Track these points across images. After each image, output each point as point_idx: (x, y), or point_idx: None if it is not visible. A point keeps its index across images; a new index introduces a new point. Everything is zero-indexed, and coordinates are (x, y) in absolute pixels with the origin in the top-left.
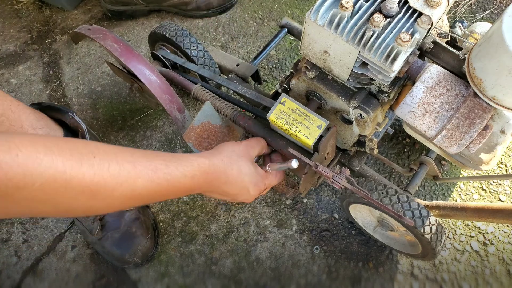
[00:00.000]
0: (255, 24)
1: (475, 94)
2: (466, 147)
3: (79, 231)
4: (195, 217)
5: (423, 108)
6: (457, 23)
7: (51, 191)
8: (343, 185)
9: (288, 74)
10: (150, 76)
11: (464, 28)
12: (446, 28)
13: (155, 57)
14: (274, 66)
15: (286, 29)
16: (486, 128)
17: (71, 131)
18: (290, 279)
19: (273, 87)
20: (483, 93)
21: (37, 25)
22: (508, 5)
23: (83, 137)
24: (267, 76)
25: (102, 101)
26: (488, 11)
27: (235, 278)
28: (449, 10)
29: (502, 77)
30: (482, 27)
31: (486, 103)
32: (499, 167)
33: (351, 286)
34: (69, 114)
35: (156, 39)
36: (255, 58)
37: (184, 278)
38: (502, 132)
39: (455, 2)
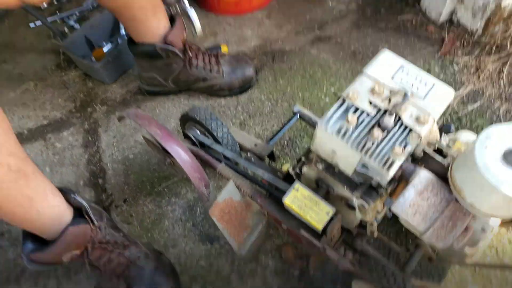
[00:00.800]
0: (270, 104)
1: (457, 200)
2: (453, 243)
3: None
4: (211, 282)
5: (414, 208)
6: (443, 133)
7: None
8: (347, 268)
9: (299, 160)
10: (184, 157)
11: (452, 131)
12: (436, 133)
13: (185, 136)
14: (286, 143)
15: (298, 115)
16: (467, 229)
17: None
18: None
19: (284, 162)
20: (463, 199)
21: (80, 95)
22: (495, 98)
23: (87, 214)
24: (279, 152)
25: (134, 168)
26: (478, 103)
27: None
28: None
29: (477, 191)
30: (465, 136)
31: (467, 208)
32: (490, 251)
33: None
34: (72, 195)
35: (187, 119)
36: (271, 139)
37: None
38: (483, 230)
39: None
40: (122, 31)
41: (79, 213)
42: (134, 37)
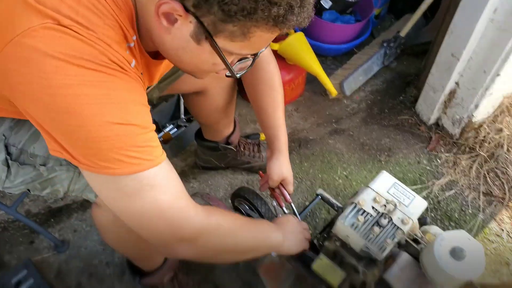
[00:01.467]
0: (296, 182)
1: (424, 275)
2: None
3: None
4: None
5: (397, 278)
6: (421, 229)
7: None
8: None
9: (320, 232)
10: None
11: (427, 222)
12: (416, 225)
13: (236, 209)
14: (308, 214)
15: (320, 197)
16: None
17: None
18: None
19: None
20: (427, 275)
21: None
22: (465, 188)
23: None
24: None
25: None
26: (453, 191)
27: None
28: (427, 186)
29: (435, 272)
30: (433, 229)
31: (430, 280)
32: None
33: None
34: None
35: (237, 196)
36: (299, 213)
37: None
38: None
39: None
40: (182, 115)
41: None
42: (205, 134)
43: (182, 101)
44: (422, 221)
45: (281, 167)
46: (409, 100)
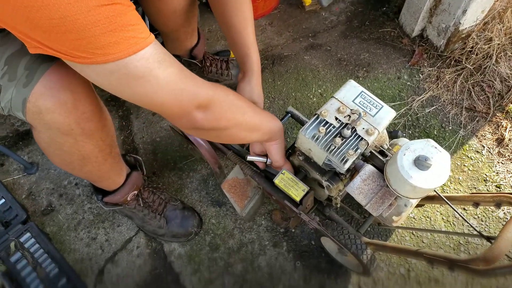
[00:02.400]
0: (268, 101)
1: (387, 186)
2: (382, 213)
3: (149, 232)
4: (219, 235)
5: (359, 190)
6: (391, 142)
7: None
8: (314, 227)
9: (287, 151)
10: (203, 144)
11: (399, 136)
12: (385, 138)
13: None
14: None
15: (290, 114)
16: (391, 204)
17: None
18: (278, 281)
19: None
20: (390, 186)
21: None
22: (447, 104)
23: (140, 166)
24: None
25: (160, 148)
26: (434, 107)
27: (243, 277)
28: (407, 103)
29: (397, 181)
30: (402, 142)
31: (392, 191)
32: (426, 219)
33: None
34: (127, 156)
35: None
36: None
37: (210, 274)
38: (405, 205)
39: (411, 101)
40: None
41: (131, 168)
42: (167, 48)
43: (146, 18)
44: (393, 134)
45: (252, 91)
46: (392, 10)
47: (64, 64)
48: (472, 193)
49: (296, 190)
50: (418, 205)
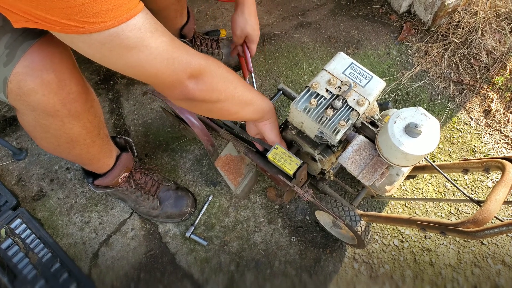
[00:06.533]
0: (260, 80)
1: (379, 155)
2: (374, 182)
3: (143, 214)
4: (214, 213)
5: (351, 160)
6: (381, 113)
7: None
8: (308, 199)
9: (280, 126)
10: (196, 123)
11: (389, 107)
12: (376, 109)
13: None
14: None
15: (281, 91)
16: (383, 173)
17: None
18: (274, 257)
19: None
20: (382, 155)
21: (103, 69)
22: (436, 78)
23: (130, 148)
24: None
25: (152, 130)
26: (423, 81)
27: (239, 255)
28: (396, 78)
29: (389, 149)
30: (392, 112)
31: (384, 160)
32: (418, 190)
33: (314, 264)
34: (117, 137)
35: None
36: None
37: (206, 253)
38: (397, 175)
39: (402, 75)
40: None
41: (121, 150)
42: None
43: None
44: (383, 106)
45: (246, 22)
46: None
47: (47, 43)
48: (461, 160)
49: (290, 164)
50: (410, 176)
